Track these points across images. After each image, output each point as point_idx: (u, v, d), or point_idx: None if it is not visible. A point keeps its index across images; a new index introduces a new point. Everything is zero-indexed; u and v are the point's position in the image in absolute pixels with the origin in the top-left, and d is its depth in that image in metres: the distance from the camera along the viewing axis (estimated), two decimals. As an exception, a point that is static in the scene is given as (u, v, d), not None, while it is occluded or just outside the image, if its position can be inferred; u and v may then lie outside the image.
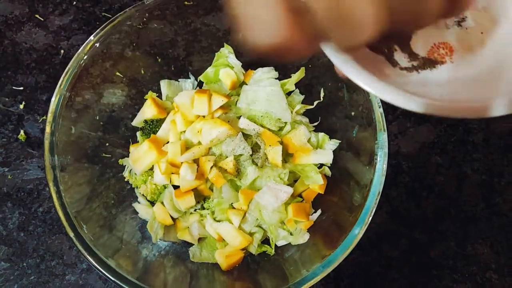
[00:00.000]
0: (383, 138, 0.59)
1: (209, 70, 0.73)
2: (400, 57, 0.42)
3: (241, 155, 0.66)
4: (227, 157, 0.66)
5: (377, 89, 0.35)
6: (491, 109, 0.34)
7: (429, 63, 0.42)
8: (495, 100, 0.34)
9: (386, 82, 0.35)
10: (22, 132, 0.76)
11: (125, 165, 0.70)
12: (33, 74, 0.79)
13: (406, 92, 0.35)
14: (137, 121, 0.71)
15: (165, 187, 0.68)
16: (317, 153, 0.68)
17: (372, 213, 0.57)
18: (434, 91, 0.39)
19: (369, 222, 0.56)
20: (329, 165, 0.70)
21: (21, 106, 0.77)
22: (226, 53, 0.71)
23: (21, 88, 0.78)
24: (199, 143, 0.67)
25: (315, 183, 0.67)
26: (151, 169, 0.69)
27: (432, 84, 0.40)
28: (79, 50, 0.61)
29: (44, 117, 0.77)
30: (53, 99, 0.59)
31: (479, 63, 0.41)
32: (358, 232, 0.56)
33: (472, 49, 0.42)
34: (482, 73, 0.40)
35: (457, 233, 0.76)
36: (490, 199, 0.77)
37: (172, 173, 0.67)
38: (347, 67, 0.36)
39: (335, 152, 0.69)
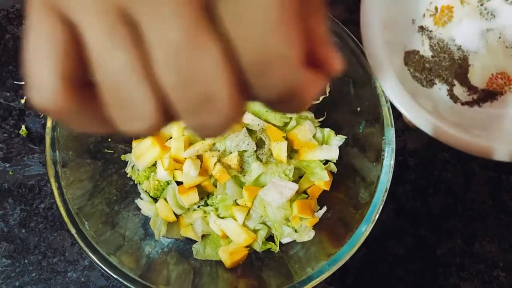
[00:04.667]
0: (390, 134, 0.58)
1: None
2: (460, 92, 0.41)
3: (245, 151, 0.66)
4: (231, 153, 0.65)
5: (435, 131, 0.34)
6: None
7: (489, 95, 0.41)
8: None
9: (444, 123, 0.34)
10: (23, 127, 0.75)
11: (128, 161, 0.70)
12: (35, 68, 0.78)
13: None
14: (139, 117, 0.70)
15: (168, 183, 0.67)
16: (323, 149, 0.67)
17: (379, 211, 0.56)
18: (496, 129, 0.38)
19: (376, 219, 0.56)
20: (335, 161, 0.69)
21: (23, 101, 0.77)
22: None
23: (23, 82, 0.78)
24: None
25: (321, 180, 0.66)
26: (154, 165, 0.68)
27: (496, 121, 0.39)
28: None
29: (46, 112, 0.76)
30: (54, 93, 0.58)
31: None
32: (364, 229, 0.55)
33: None
34: None
35: (464, 231, 0.75)
36: (498, 196, 0.76)
37: (176, 169, 0.66)
38: (417, 118, 0.35)
39: (341, 148, 0.68)
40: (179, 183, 0.66)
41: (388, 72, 0.37)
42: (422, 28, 0.44)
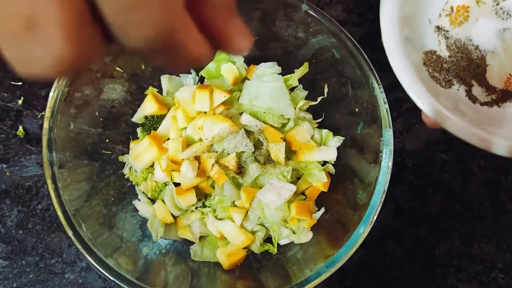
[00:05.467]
0: (388, 135, 0.58)
1: (211, 65, 0.71)
2: (478, 92, 0.41)
3: (243, 152, 0.65)
4: (229, 154, 0.65)
5: (461, 130, 0.34)
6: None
7: (508, 94, 0.41)
8: None
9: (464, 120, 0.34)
10: (20, 128, 0.75)
11: (125, 162, 0.69)
12: (32, 69, 0.78)
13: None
14: (137, 117, 0.70)
15: (166, 184, 0.67)
16: (321, 150, 0.67)
17: (377, 212, 0.56)
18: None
19: (374, 221, 0.55)
20: (333, 163, 0.69)
21: (20, 102, 0.76)
22: (228, 48, 0.70)
23: (20, 83, 0.77)
24: (201, 139, 0.66)
25: (319, 181, 0.66)
26: (152, 166, 0.68)
27: None
28: (78, 45, 0.60)
29: (43, 113, 0.75)
30: (51, 94, 0.58)
31: None
32: (363, 231, 0.55)
33: None
34: None
35: (462, 232, 0.75)
36: (497, 197, 0.76)
37: (173, 170, 0.65)
38: (435, 113, 0.35)
39: (339, 149, 0.68)
40: (176, 185, 0.66)
41: (407, 68, 0.37)
42: (438, 28, 0.44)
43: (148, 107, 0.68)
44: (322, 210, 0.67)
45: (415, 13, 0.43)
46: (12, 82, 0.77)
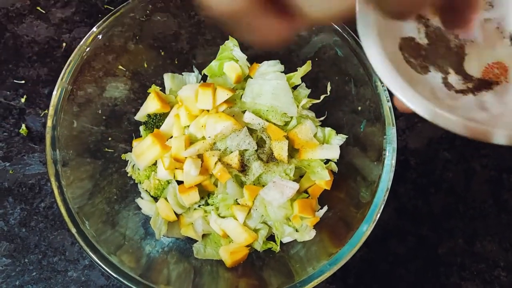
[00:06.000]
0: (391, 133, 0.58)
1: (214, 64, 0.71)
2: (455, 80, 0.41)
3: (246, 150, 0.65)
4: (231, 152, 0.65)
5: (433, 114, 0.34)
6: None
7: (485, 84, 0.41)
8: None
9: (442, 108, 0.34)
10: (23, 126, 0.75)
11: (128, 160, 0.69)
12: (35, 67, 0.78)
13: (460, 117, 0.34)
14: (140, 115, 0.70)
15: (168, 182, 0.67)
16: (324, 148, 0.67)
17: (381, 210, 0.56)
18: (495, 114, 0.38)
19: (377, 219, 0.55)
20: (336, 161, 0.69)
21: (23, 100, 0.76)
22: (231, 46, 0.70)
23: (23, 81, 0.77)
24: (203, 137, 0.66)
25: (322, 179, 0.66)
26: (155, 164, 0.68)
27: (491, 107, 0.39)
28: (81, 42, 0.60)
29: (46, 111, 0.76)
30: (54, 92, 0.58)
31: None
32: (366, 229, 0.55)
33: None
34: None
35: (465, 230, 0.74)
36: (499, 195, 0.76)
37: (176, 168, 0.66)
38: (403, 93, 0.35)
39: (342, 147, 0.68)
40: (179, 183, 0.66)
41: (379, 50, 0.37)
42: (419, 16, 0.44)
43: (151, 105, 0.68)
44: (325, 208, 0.67)
45: None
46: (15, 81, 0.77)
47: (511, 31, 0.42)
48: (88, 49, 0.60)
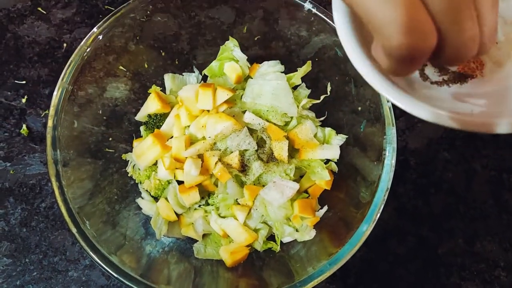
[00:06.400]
0: (391, 133, 0.58)
1: (214, 64, 0.71)
2: (431, 72, 0.42)
3: (246, 150, 0.65)
4: (232, 152, 0.65)
5: (406, 103, 0.35)
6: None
7: (460, 77, 0.42)
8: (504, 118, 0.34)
9: (415, 97, 0.35)
10: (24, 126, 0.75)
11: (129, 160, 0.70)
12: (36, 67, 0.78)
13: (435, 107, 0.34)
14: (140, 116, 0.70)
15: (169, 182, 0.67)
16: (324, 148, 0.67)
17: (380, 210, 0.56)
18: (465, 105, 0.38)
19: (377, 219, 0.55)
20: (336, 161, 0.69)
21: (24, 100, 0.77)
22: (231, 47, 0.70)
23: (24, 82, 0.78)
24: (204, 138, 0.66)
25: (322, 179, 0.66)
26: (155, 164, 0.68)
27: (465, 98, 0.39)
28: (82, 43, 0.60)
29: (47, 111, 0.76)
30: (55, 92, 0.58)
31: (504, 77, 0.40)
32: (366, 229, 0.55)
33: (501, 64, 0.41)
34: (505, 89, 0.39)
35: (465, 230, 0.75)
36: (499, 195, 0.76)
37: (176, 168, 0.66)
38: (379, 84, 0.35)
39: (342, 147, 0.68)
40: (180, 183, 0.66)
41: (355, 43, 0.37)
42: None
43: (151, 105, 0.68)
44: (325, 208, 0.67)
45: None
46: (15, 81, 0.78)
47: None
48: (88, 49, 0.61)
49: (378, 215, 0.56)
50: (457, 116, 0.34)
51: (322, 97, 0.69)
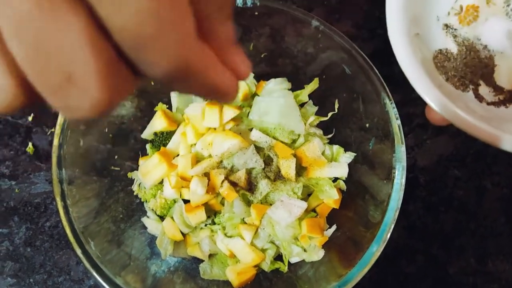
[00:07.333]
0: (401, 151, 0.57)
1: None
2: (485, 92, 0.41)
3: (253, 168, 0.65)
4: (238, 170, 0.64)
5: (469, 126, 0.34)
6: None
7: None
8: None
9: (477, 119, 0.34)
10: (30, 144, 0.75)
11: (134, 179, 0.69)
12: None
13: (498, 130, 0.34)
14: (146, 134, 0.70)
15: (175, 201, 0.66)
16: (332, 166, 0.66)
17: (391, 230, 0.55)
18: None
19: (387, 239, 0.54)
20: (344, 179, 0.68)
21: (30, 118, 0.76)
22: (238, 64, 0.70)
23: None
24: (210, 156, 0.65)
25: (330, 198, 0.65)
26: (161, 182, 0.67)
27: None
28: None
29: (53, 129, 0.76)
30: (61, 111, 0.58)
31: None
32: (376, 249, 0.54)
33: None
34: None
35: (476, 249, 0.73)
36: (511, 213, 0.74)
37: (182, 187, 0.65)
38: (442, 108, 0.35)
39: (350, 165, 0.67)
40: (186, 201, 0.65)
41: (414, 63, 0.36)
42: (446, 26, 0.43)
43: (158, 123, 0.68)
44: (334, 227, 0.65)
45: (422, 11, 0.43)
46: (22, 99, 0.77)
47: None
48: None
49: (389, 235, 0.54)
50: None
51: (329, 114, 0.69)
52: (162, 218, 0.68)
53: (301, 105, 0.71)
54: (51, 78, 0.19)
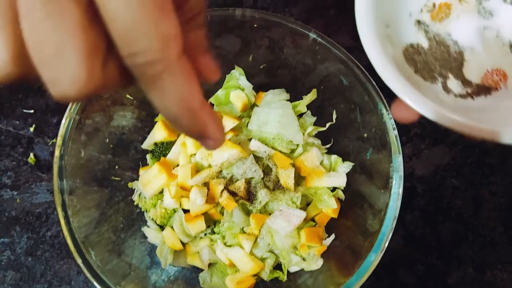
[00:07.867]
0: (398, 161, 0.58)
1: (220, 92, 0.72)
2: (454, 85, 0.42)
3: (252, 178, 0.65)
4: (238, 180, 0.65)
5: (439, 116, 0.35)
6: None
7: (484, 89, 0.42)
8: None
9: (443, 108, 0.35)
10: (31, 155, 0.76)
11: (135, 189, 0.70)
12: (44, 96, 0.79)
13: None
14: (147, 144, 0.71)
15: (175, 211, 0.67)
16: (330, 176, 0.67)
17: (389, 239, 0.55)
18: (490, 117, 0.38)
19: (385, 248, 0.55)
20: (343, 188, 0.68)
21: (31, 129, 0.77)
22: (237, 75, 0.71)
23: (32, 111, 0.78)
24: (210, 166, 0.66)
25: (328, 207, 0.66)
26: (161, 192, 0.68)
27: (490, 110, 0.39)
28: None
29: (54, 140, 0.76)
30: (63, 122, 0.59)
31: None
32: (374, 258, 0.54)
33: None
34: None
35: (475, 259, 0.73)
36: (509, 222, 0.75)
37: (182, 197, 0.66)
38: (410, 96, 0.36)
39: (348, 175, 0.67)
40: (186, 211, 0.66)
41: (385, 59, 0.38)
42: (419, 22, 0.45)
43: (158, 133, 0.69)
44: (332, 236, 0.66)
45: (395, 6, 0.44)
46: (24, 110, 0.78)
47: (511, 40, 0.42)
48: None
49: (387, 244, 0.55)
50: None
51: (327, 125, 0.70)
52: (162, 227, 0.68)
53: (300, 115, 0.71)
54: (45, 49, 0.22)
